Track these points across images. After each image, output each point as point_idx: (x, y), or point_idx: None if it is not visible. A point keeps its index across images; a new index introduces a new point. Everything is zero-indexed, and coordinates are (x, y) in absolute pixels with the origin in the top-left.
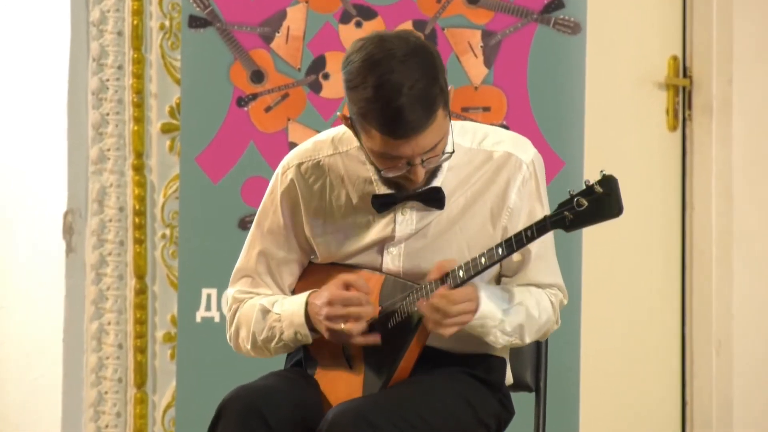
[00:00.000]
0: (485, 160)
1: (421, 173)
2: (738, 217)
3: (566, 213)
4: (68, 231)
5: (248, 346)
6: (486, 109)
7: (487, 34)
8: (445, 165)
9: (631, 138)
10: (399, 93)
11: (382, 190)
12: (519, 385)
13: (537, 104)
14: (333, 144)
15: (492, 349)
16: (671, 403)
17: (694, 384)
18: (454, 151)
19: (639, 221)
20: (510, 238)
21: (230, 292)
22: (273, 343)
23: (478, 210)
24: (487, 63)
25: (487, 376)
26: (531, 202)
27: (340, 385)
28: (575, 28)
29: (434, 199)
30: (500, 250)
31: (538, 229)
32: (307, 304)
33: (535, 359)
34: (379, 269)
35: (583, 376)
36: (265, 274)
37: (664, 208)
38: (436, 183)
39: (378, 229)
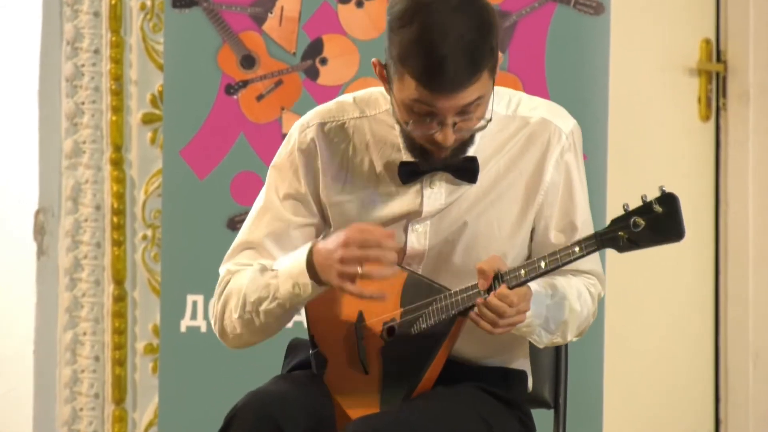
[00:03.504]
0: (520, 127)
1: (450, 137)
2: None
3: (621, 233)
4: (40, 232)
5: (235, 317)
6: None
7: (500, 15)
8: (479, 133)
9: (660, 129)
10: (445, 40)
11: (409, 157)
12: (537, 401)
13: (556, 92)
14: (358, 106)
15: (511, 360)
16: (704, 421)
17: (729, 400)
18: (491, 119)
19: None
20: (555, 253)
21: (224, 268)
22: (264, 305)
23: (512, 182)
24: (501, 47)
25: (508, 393)
26: (569, 180)
27: (355, 393)
28: (598, 8)
29: (467, 170)
30: (543, 264)
31: (588, 246)
32: (311, 252)
33: (554, 372)
34: (403, 248)
35: (606, 392)
36: (273, 244)
37: (696, 205)
38: (469, 152)
39: (403, 203)
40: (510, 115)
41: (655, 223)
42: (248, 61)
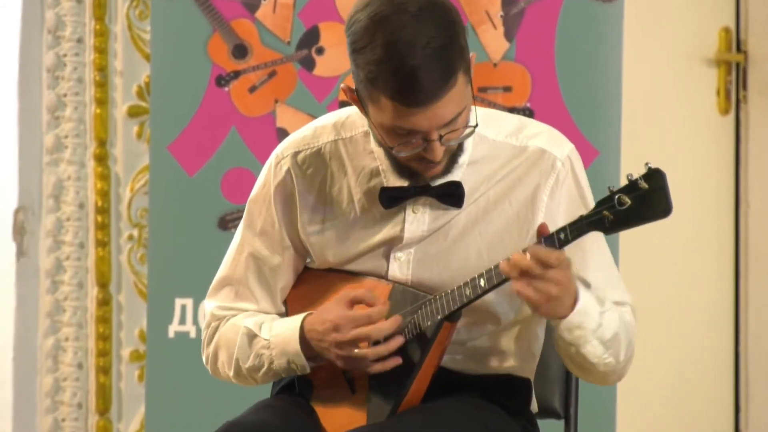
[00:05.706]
0: (514, 156)
1: (439, 152)
2: None
3: (606, 212)
4: (19, 231)
5: (230, 373)
6: (507, 89)
7: (508, 2)
8: (466, 158)
9: (676, 123)
10: (413, 51)
11: (392, 182)
12: (546, 411)
13: (566, 84)
14: (335, 129)
15: (513, 368)
16: None
17: (750, 412)
18: (477, 125)
19: (685, 220)
20: (540, 242)
21: (209, 306)
22: (260, 373)
23: (503, 212)
24: (508, 35)
25: (509, 401)
26: (572, 206)
27: (341, 414)
28: None
29: (452, 195)
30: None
31: (573, 231)
32: (302, 329)
33: (564, 381)
34: (385, 277)
35: (620, 402)
36: (255, 282)
37: (715, 204)
38: (454, 177)
39: (384, 229)
40: (501, 141)
41: (642, 200)
42: (240, 50)
